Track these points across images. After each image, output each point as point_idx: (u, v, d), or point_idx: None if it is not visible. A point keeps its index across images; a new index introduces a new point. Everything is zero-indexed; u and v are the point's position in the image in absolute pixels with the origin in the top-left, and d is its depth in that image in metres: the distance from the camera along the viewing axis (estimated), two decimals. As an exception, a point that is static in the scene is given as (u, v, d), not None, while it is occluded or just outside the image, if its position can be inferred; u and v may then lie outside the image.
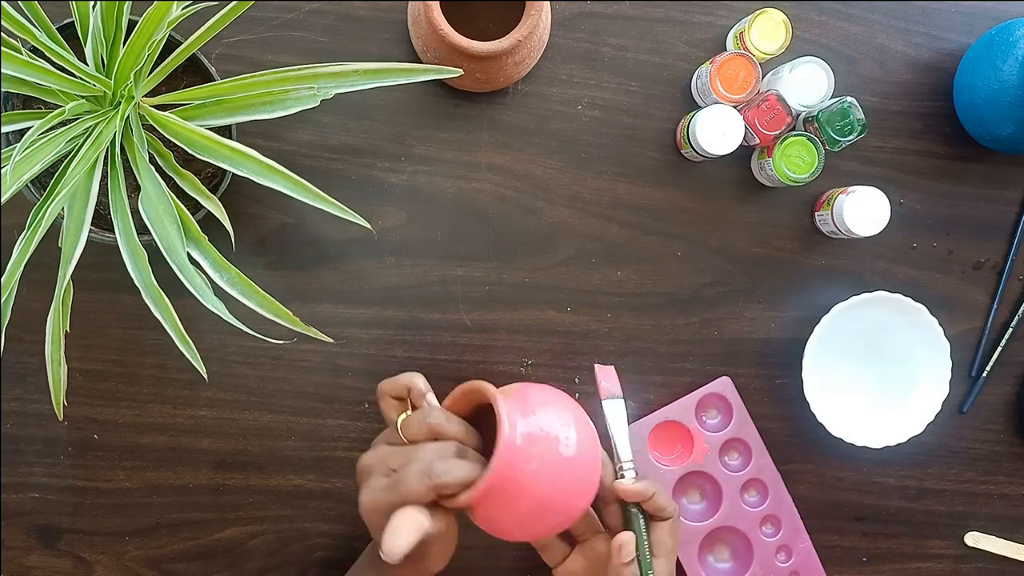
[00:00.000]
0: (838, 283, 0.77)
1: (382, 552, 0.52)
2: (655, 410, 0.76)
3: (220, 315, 0.59)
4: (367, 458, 0.59)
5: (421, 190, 0.74)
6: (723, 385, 0.76)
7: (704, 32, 0.75)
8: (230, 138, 0.60)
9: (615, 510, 0.63)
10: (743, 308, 0.77)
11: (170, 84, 0.65)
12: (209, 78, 0.65)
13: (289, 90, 0.59)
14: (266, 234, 0.73)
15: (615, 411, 0.64)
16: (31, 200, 0.62)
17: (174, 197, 0.60)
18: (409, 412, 0.60)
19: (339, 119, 0.73)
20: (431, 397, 0.60)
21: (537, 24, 0.66)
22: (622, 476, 0.63)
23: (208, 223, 0.61)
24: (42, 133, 0.55)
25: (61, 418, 0.62)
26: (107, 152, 0.59)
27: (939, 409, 0.74)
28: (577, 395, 0.75)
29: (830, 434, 0.73)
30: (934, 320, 0.73)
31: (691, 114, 0.72)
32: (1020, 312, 0.78)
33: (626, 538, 0.60)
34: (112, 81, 0.58)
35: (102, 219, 0.64)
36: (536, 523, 0.57)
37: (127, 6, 0.58)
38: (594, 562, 0.63)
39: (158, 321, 0.59)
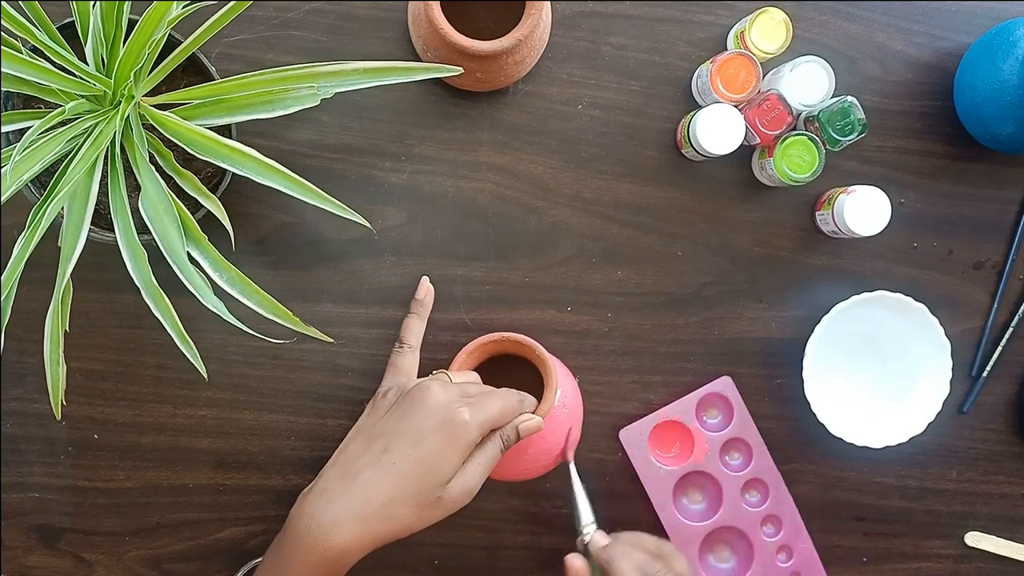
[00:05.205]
0: (838, 283, 0.77)
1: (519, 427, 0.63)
2: (655, 410, 0.76)
3: (220, 315, 0.59)
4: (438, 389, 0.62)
5: (421, 190, 0.74)
6: (724, 385, 0.76)
7: (705, 31, 0.75)
8: (230, 138, 0.60)
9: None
10: (743, 308, 0.77)
11: (170, 84, 0.65)
12: (209, 77, 0.64)
13: (289, 89, 0.59)
14: (266, 234, 0.73)
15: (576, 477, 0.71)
16: (31, 200, 0.62)
17: (174, 197, 0.60)
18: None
19: (339, 118, 0.73)
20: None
21: (537, 23, 0.66)
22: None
23: (208, 223, 0.61)
24: (42, 133, 0.55)
25: (59, 418, 0.62)
26: (107, 152, 0.59)
27: (939, 409, 0.73)
28: (577, 395, 0.76)
29: (830, 434, 0.73)
30: (934, 320, 0.73)
31: (691, 114, 0.72)
32: (1020, 312, 0.78)
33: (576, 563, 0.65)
34: (112, 81, 0.58)
35: (102, 219, 0.63)
36: (535, 464, 0.69)
37: (127, 5, 0.58)
38: None
39: (158, 321, 0.59)
